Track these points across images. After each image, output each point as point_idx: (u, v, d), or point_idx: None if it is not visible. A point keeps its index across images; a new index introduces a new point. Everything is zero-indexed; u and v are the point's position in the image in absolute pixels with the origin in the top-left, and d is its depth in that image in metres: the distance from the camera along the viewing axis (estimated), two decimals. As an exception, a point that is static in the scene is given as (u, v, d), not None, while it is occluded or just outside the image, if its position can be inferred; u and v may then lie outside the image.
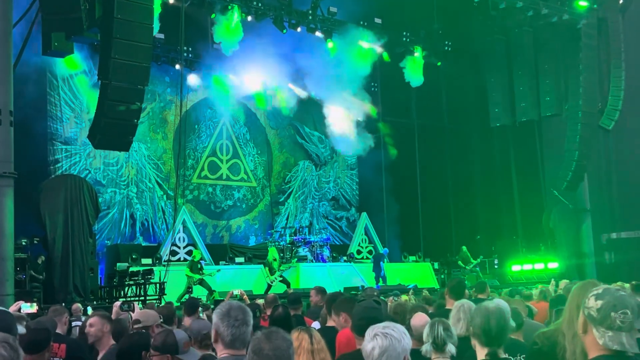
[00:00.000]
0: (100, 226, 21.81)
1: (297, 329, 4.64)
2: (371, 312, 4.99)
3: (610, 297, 3.03)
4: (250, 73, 25.09)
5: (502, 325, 3.98)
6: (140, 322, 5.94)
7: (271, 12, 22.71)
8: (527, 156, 28.08)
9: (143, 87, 15.74)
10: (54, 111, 21.71)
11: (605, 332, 2.98)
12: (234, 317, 3.65)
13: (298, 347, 4.38)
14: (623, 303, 3.00)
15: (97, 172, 22.60)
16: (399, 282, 23.33)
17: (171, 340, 4.41)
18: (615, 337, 2.96)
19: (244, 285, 18.58)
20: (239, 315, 3.66)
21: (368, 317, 4.78)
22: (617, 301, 3.01)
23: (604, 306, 3.00)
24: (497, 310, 4.02)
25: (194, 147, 25.12)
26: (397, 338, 3.31)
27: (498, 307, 4.06)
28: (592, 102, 25.48)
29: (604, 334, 2.98)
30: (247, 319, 3.67)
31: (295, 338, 4.43)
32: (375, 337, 3.31)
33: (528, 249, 27.33)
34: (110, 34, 14.99)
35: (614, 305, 2.99)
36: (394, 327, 3.37)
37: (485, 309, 4.01)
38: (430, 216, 28.61)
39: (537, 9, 23.97)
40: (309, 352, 4.39)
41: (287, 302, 8.58)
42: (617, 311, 2.97)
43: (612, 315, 2.97)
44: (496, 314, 4.00)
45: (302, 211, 27.90)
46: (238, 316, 3.66)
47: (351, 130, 26.65)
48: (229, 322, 3.65)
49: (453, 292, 7.37)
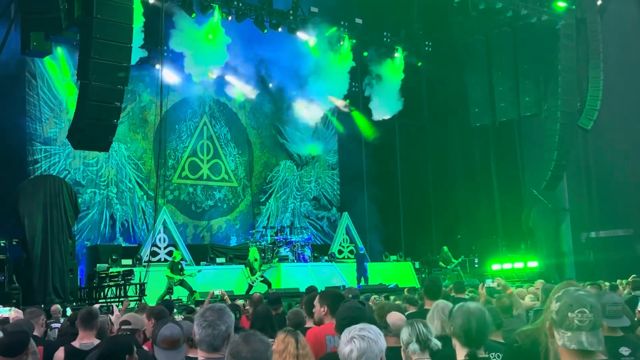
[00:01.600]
0: (79, 227, 21.66)
1: (284, 331, 4.63)
2: (354, 312, 5.00)
3: (567, 297, 3.00)
4: (231, 73, 25.08)
5: (482, 326, 4.00)
6: (130, 324, 5.88)
7: (252, 12, 22.70)
8: (507, 156, 28.27)
9: (123, 87, 15.69)
10: (32, 111, 21.52)
11: (564, 333, 2.96)
12: (204, 318, 3.64)
13: (284, 350, 4.38)
14: (579, 302, 2.96)
15: (76, 173, 22.44)
16: (380, 281, 23.40)
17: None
18: (573, 337, 2.93)
19: (225, 286, 18.53)
20: (210, 316, 3.64)
21: (351, 316, 4.79)
22: (573, 301, 2.98)
23: (561, 307, 2.98)
24: (478, 311, 4.03)
25: (174, 147, 25.02)
26: (373, 339, 3.32)
27: (479, 308, 4.08)
28: (571, 102, 25.71)
29: (563, 335, 2.96)
30: (216, 322, 3.63)
31: (282, 340, 4.43)
32: (352, 340, 3.30)
33: (508, 248, 27.50)
34: (90, 34, 14.94)
35: (570, 305, 2.96)
36: (370, 328, 3.38)
37: (466, 309, 4.02)
38: (411, 216, 28.71)
39: (516, 10, 24.14)
40: (294, 357, 4.39)
41: (267, 302, 8.59)
42: (573, 311, 2.94)
43: (569, 315, 2.94)
44: (477, 314, 4.01)
45: (283, 211, 27.87)
46: (209, 317, 3.64)
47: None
48: (198, 322, 3.65)
49: (428, 293, 7.43)
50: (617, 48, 26.43)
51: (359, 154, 28.14)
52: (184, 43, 21.71)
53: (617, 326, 5.01)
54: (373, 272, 24.26)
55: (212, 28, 21.86)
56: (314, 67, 24.98)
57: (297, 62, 24.80)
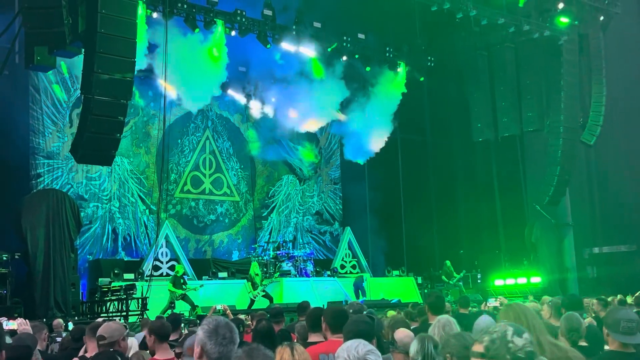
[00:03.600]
0: (82, 241, 21.66)
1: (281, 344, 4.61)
2: (361, 326, 4.95)
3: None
4: (234, 88, 25.17)
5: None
6: (106, 339, 5.67)
7: (255, 27, 22.79)
8: (509, 171, 28.23)
9: (126, 102, 15.73)
10: (36, 125, 21.57)
11: None
12: (222, 335, 3.62)
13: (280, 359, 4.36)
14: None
15: (79, 187, 22.45)
16: (383, 296, 23.33)
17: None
18: None
19: (227, 300, 18.49)
20: (226, 333, 3.63)
21: (357, 330, 4.75)
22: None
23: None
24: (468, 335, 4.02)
25: (176, 162, 25.05)
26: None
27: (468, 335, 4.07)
28: (573, 117, 25.74)
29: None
30: (234, 337, 3.64)
31: (278, 352, 4.41)
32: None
33: (511, 264, 27.42)
34: (94, 48, 14.99)
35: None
36: (374, 351, 3.30)
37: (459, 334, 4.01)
38: (413, 230, 28.63)
39: (518, 25, 24.22)
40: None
41: (270, 316, 8.57)
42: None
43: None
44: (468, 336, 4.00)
45: (285, 225, 27.84)
46: (226, 334, 3.62)
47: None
48: (216, 340, 3.61)
49: (432, 308, 7.38)
50: (619, 64, 26.48)
51: (361, 169, 28.12)
52: (183, 59, 21.69)
53: (630, 343, 4.95)
54: (375, 287, 24.20)
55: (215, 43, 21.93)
56: (317, 82, 25.04)
57: (300, 77, 24.84)
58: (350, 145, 27.06)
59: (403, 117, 28.88)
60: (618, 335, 4.85)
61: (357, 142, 26.68)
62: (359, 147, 26.73)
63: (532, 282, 26.28)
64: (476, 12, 23.00)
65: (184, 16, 21.22)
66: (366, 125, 26.53)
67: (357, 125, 26.53)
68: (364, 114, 26.50)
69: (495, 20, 23.70)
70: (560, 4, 24.76)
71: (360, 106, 26.45)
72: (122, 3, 15.40)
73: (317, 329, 6.02)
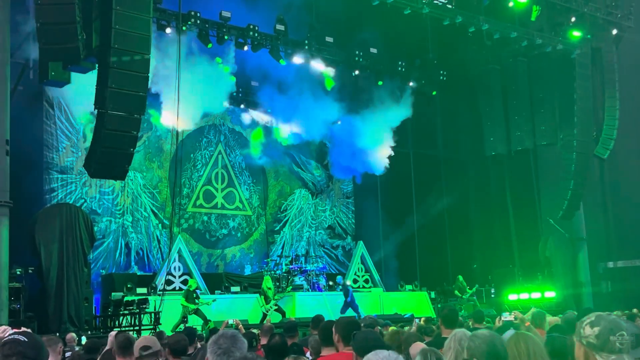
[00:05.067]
0: (95, 255, 21.70)
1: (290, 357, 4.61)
2: (373, 334, 4.97)
3: (605, 322, 3.08)
4: (247, 102, 25.26)
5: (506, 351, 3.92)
6: (151, 348, 5.75)
7: (267, 42, 22.90)
8: (522, 185, 28.12)
9: (139, 116, 15.80)
10: (50, 140, 21.71)
11: (608, 356, 3.03)
12: (218, 345, 3.61)
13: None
14: (618, 326, 3.08)
15: (92, 201, 22.54)
16: (396, 311, 23.23)
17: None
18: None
19: (239, 315, 18.48)
20: (223, 343, 3.61)
21: (370, 338, 4.77)
22: (612, 325, 3.08)
23: (602, 332, 3.04)
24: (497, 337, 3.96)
25: (189, 176, 25.11)
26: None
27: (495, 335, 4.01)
28: (587, 131, 25.62)
29: (607, 358, 3.02)
30: (230, 349, 3.60)
31: None
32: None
33: (525, 278, 27.24)
34: (107, 64, 15.08)
35: (610, 329, 3.03)
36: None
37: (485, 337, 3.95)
38: (426, 245, 28.55)
39: (531, 39, 24.20)
40: None
41: (284, 331, 8.54)
42: (615, 334, 3.02)
43: (611, 339, 3.02)
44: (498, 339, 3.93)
45: (298, 240, 27.81)
46: (222, 344, 3.60)
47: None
48: (212, 349, 3.61)
49: (445, 321, 7.37)
50: (633, 77, 26.37)
51: (373, 183, 28.09)
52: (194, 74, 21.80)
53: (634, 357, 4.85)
54: (388, 301, 24.11)
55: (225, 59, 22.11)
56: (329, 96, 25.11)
57: (312, 91, 24.90)
58: (339, 161, 27.04)
59: (415, 131, 28.91)
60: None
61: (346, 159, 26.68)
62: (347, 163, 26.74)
63: (546, 296, 26.09)
64: (488, 26, 23.01)
65: (197, 32, 21.37)
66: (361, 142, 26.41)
67: (352, 140, 26.40)
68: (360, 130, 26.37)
69: (508, 34, 23.69)
70: (573, 18, 24.73)
71: (359, 121, 26.27)
72: (136, 19, 15.49)
73: (330, 343, 6.00)
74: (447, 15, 22.34)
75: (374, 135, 25.87)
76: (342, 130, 26.28)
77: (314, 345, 6.82)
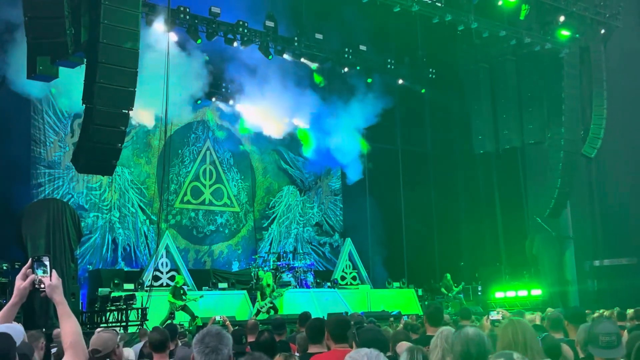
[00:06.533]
0: (82, 251, 21.61)
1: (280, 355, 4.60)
2: (379, 336, 5.05)
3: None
4: (235, 98, 25.20)
5: (482, 352, 3.92)
6: (100, 352, 5.46)
7: (257, 38, 22.86)
8: (510, 183, 28.23)
9: (128, 112, 15.73)
10: (37, 135, 21.59)
11: None
12: (205, 344, 3.57)
13: None
14: None
15: (79, 197, 22.44)
16: (383, 308, 23.26)
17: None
18: None
19: (227, 311, 18.47)
20: (211, 342, 3.57)
21: (375, 339, 4.79)
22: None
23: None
24: (477, 337, 3.96)
25: (177, 172, 25.04)
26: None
27: (478, 333, 4.01)
28: (574, 130, 25.75)
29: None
30: (218, 347, 3.55)
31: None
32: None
33: (511, 276, 27.36)
34: (96, 59, 15.01)
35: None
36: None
37: (464, 336, 3.95)
38: (414, 242, 28.62)
39: (520, 38, 24.29)
40: None
41: (272, 328, 8.53)
42: None
43: None
44: (475, 340, 3.93)
45: (286, 236, 27.79)
46: (210, 343, 3.56)
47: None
48: (199, 349, 3.57)
49: (430, 319, 7.39)
50: (620, 76, 26.52)
51: (362, 180, 28.12)
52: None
53: (612, 357, 4.78)
54: (376, 298, 24.14)
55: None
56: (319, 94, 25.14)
57: (300, 88, 24.91)
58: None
59: (404, 129, 28.98)
60: (598, 350, 4.77)
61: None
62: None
63: (532, 294, 26.22)
64: (477, 25, 23.06)
65: (186, 27, 21.30)
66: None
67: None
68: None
69: (497, 33, 23.76)
70: (562, 17, 24.81)
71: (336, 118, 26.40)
72: (125, 14, 15.42)
73: (317, 340, 6.00)
74: (437, 14, 22.38)
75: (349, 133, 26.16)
76: (320, 124, 26.43)
77: (300, 343, 6.84)
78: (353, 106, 25.87)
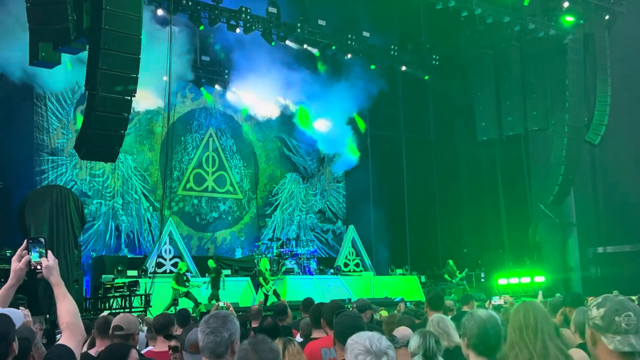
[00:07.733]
0: (85, 238, 21.65)
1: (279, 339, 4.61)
2: (353, 320, 4.89)
3: (611, 303, 3.08)
4: (238, 85, 25.15)
5: (499, 333, 3.92)
6: (123, 330, 5.50)
7: (260, 24, 22.78)
8: (513, 170, 28.17)
9: (130, 98, 15.70)
10: (40, 122, 21.59)
11: (613, 337, 3.02)
12: (207, 324, 3.59)
13: None
14: (624, 306, 3.06)
15: (83, 183, 22.47)
16: (386, 295, 23.29)
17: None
18: (624, 340, 3.01)
19: (230, 298, 18.48)
20: (212, 323, 3.58)
21: (350, 324, 4.69)
22: (618, 305, 3.06)
23: (607, 312, 3.03)
24: (492, 318, 3.96)
25: (180, 159, 25.04)
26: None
27: (491, 315, 4.00)
28: (578, 116, 25.67)
29: (612, 339, 3.02)
30: (219, 329, 3.55)
31: None
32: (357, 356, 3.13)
33: (514, 263, 27.36)
34: (98, 45, 14.95)
35: (616, 309, 3.04)
36: (392, 347, 3.22)
37: (480, 318, 3.94)
38: (417, 229, 28.62)
39: (524, 24, 24.17)
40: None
41: (274, 313, 8.56)
42: (620, 315, 3.03)
43: (616, 319, 3.03)
44: (492, 322, 3.93)
45: (289, 223, 27.82)
46: (211, 324, 3.58)
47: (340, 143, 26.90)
48: (201, 329, 3.60)
49: (431, 304, 7.48)
50: (624, 63, 26.41)
51: (365, 168, 28.11)
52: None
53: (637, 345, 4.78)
54: (379, 285, 24.17)
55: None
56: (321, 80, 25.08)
57: (304, 76, 24.87)
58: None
59: (407, 116, 28.92)
60: (617, 339, 4.67)
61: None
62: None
63: (535, 281, 26.21)
64: (481, 11, 22.96)
65: (188, 13, 21.23)
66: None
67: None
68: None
69: (501, 19, 23.64)
70: (566, 3, 24.69)
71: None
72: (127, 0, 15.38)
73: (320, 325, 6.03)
74: (440, 0, 22.26)
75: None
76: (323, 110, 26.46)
77: (304, 328, 6.86)
78: (355, 93, 25.79)
